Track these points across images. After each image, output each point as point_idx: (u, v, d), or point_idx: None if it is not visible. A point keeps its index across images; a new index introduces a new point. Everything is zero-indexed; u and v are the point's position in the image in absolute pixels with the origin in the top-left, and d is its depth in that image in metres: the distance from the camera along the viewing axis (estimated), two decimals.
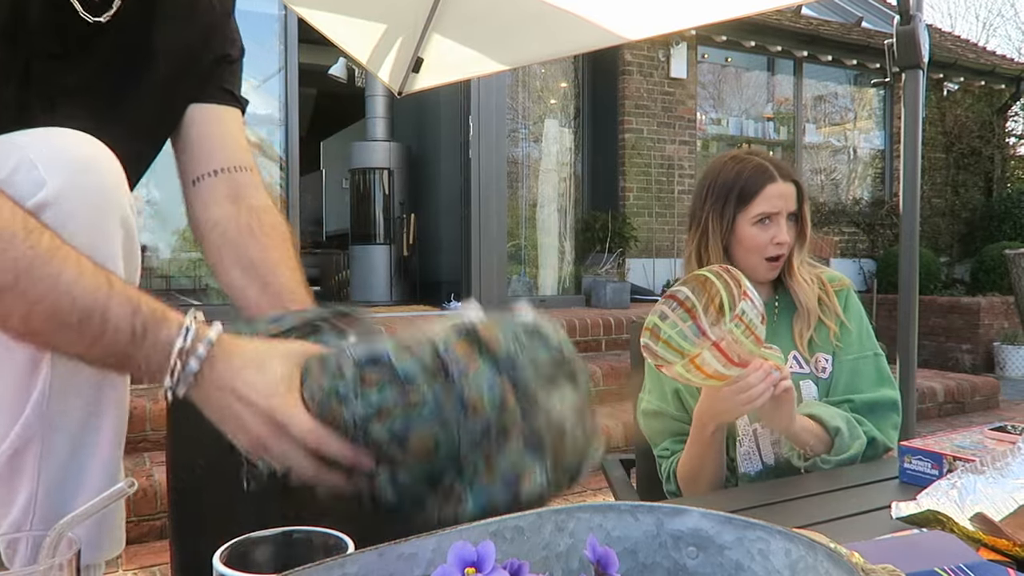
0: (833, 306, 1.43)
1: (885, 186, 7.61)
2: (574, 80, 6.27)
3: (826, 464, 1.27)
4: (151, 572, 2.30)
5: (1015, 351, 6.01)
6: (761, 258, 1.40)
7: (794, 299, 1.43)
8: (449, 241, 5.60)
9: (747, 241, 1.40)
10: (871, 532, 0.83)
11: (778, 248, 1.39)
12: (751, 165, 1.41)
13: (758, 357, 1.13)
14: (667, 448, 1.41)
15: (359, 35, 2.40)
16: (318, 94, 7.95)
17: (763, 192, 1.38)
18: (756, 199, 1.39)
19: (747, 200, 1.39)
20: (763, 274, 1.42)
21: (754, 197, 1.39)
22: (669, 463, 1.39)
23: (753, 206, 1.39)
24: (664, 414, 1.41)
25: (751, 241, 1.39)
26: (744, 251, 1.41)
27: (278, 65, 4.58)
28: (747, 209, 1.39)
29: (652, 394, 1.43)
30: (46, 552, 0.56)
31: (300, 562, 0.47)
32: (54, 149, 0.83)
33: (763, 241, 1.39)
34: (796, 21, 7.01)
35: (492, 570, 0.44)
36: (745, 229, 1.40)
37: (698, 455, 1.30)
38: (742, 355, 1.08)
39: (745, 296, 1.07)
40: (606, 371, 4.12)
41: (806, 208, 1.43)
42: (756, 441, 1.36)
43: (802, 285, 1.42)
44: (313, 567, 0.46)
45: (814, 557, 0.46)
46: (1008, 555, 0.75)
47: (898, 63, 1.79)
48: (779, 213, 1.39)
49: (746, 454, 1.36)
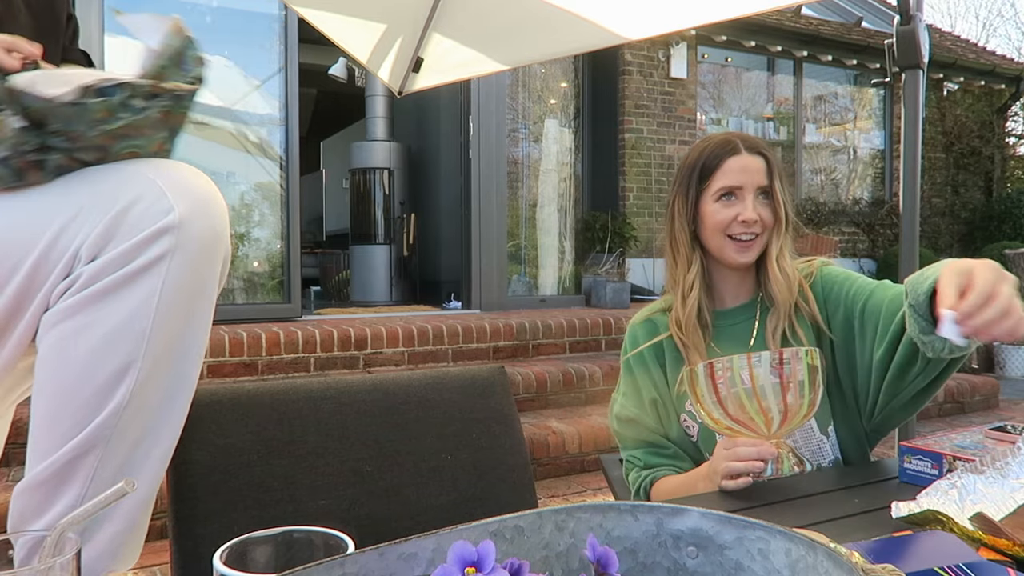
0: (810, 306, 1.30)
1: (885, 186, 7.61)
2: (574, 80, 6.27)
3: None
4: (151, 572, 2.30)
5: (1015, 351, 6.01)
6: (725, 237, 1.29)
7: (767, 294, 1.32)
8: (449, 241, 5.60)
9: (709, 219, 1.29)
10: (871, 532, 0.83)
11: (744, 227, 1.27)
12: (716, 141, 1.32)
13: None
14: (638, 458, 1.34)
15: (359, 35, 2.39)
16: (318, 94, 7.95)
17: (724, 165, 1.28)
18: (716, 173, 1.28)
19: (708, 175, 1.29)
20: (731, 256, 1.29)
21: (715, 171, 1.29)
22: (641, 477, 1.33)
23: (714, 180, 1.29)
24: (639, 423, 1.34)
25: (712, 218, 1.29)
26: (709, 232, 1.30)
27: (278, 65, 4.58)
28: (709, 184, 1.29)
29: (628, 399, 1.37)
30: (47, 552, 0.56)
31: (300, 562, 0.47)
32: (180, 181, 0.91)
33: (725, 218, 1.28)
34: (796, 21, 7.01)
35: (492, 570, 0.44)
36: (708, 206, 1.29)
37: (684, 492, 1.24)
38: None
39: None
40: (606, 371, 4.12)
41: (777, 184, 1.29)
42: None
43: (777, 278, 1.29)
44: (313, 567, 0.46)
45: (814, 557, 0.46)
46: (1008, 555, 0.75)
47: (898, 63, 1.79)
48: (742, 188, 1.28)
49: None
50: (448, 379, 1.22)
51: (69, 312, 0.86)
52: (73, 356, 0.86)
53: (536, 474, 3.07)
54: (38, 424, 0.89)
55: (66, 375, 0.87)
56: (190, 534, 0.97)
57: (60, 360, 0.87)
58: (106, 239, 0.86)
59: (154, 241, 0.86)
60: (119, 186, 0.88)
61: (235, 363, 3.60)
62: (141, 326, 0.87)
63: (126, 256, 0.86)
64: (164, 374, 0.90)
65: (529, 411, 3.81)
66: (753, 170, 1.28)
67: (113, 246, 0.86)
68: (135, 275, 0.86)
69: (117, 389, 0.87)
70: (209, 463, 1.00)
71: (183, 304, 0.90)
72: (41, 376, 0.88)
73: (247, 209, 4.75)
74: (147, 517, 0.98)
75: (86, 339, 0.86)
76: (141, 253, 0.86)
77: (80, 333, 0.86)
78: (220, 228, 0.94)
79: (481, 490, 1.16)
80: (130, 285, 0.86)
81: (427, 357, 4.08)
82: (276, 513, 1.00)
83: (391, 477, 1.10)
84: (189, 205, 0.89)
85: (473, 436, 1.18)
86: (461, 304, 5.33)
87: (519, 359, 4.36)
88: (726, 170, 1.28)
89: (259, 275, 4.72)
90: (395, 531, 0.58)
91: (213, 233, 0.92)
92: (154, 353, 0.88)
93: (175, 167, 0.93)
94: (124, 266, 0.86)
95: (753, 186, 1.28)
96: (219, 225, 0.93)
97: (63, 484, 0.87)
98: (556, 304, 5.66)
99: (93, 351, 0.86)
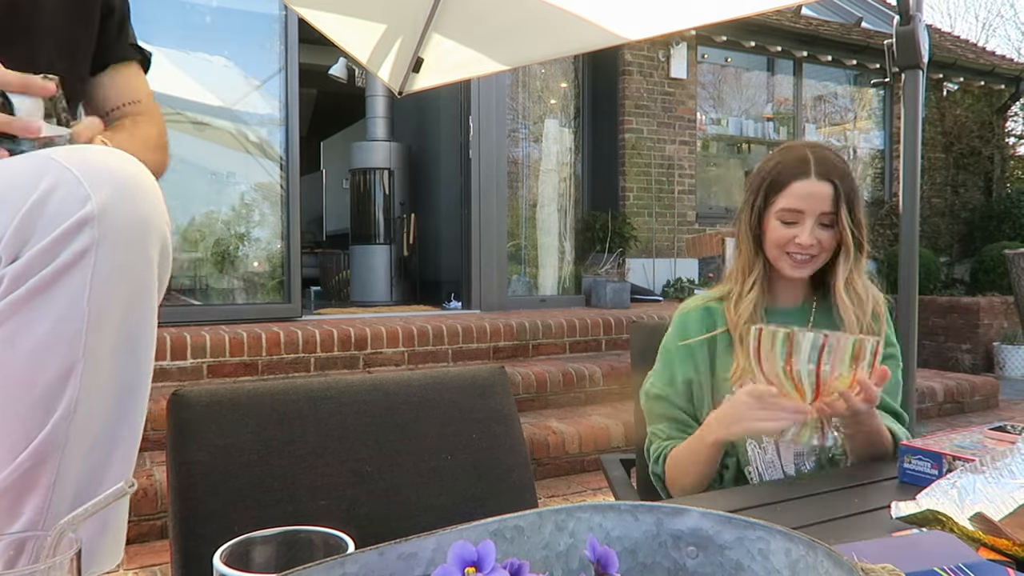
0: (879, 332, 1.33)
1: (885, 186, 7.61)
2: (574, 80, 6.27)
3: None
4: (151, 572, 2.30)
5: (1015, 351, 6.01)
6: (782, 253, 1.34)
7: (835, 316, 1.35)
8: (449, 241, 5.60)
9: (770, 232, 1.34)
10: (871, 532, 0.83)
11: (799, 249, 1.32)
12: (792, 156, 1.34)
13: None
14: (663, 429, 1.38)
15: (359, 35, 2.39)
16: (318, 94, 7.95)
17: (790, 187, 1.31)
18: (782, 193, 1.32)
19: (775, 192, 1.33)
20: (786, 270, 1.35)
21: (781, 190, 1.32)
22: (661, 447, 1.37)
23: (779, 199, 1.32)
24: (667, 400, 1.38)
25: (773, 233, 1.34)
26: (768, 244, 1.36)
27: (278, 65, 4.58)
28: (775, 201, 1.33)
29: (660, 378, 1.41)
30: (46, 552, 0.56)
31: (300, 562, 0.47)
32: (97, 166, 0.84)
33: (783, 237, 1.32)
34: (796, 21, 7.01)
35: (492, 570, 0.44)
36: (770, 221, 1.34)
37: (692, 454, 1.29)
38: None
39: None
40: (606, 371, 4.12)
41: (843, 212, 1.30)
42: (778, 451, 1.35)
43: (844, 303, 1.33)
44: (313, 567, 0.46)
45: (814, 557, 0.46)
46: (1008, 555, 0.75)
47: (898, 63, 1.79)
48: (804, 213, 1.31)
49: (770, 462, 1.35)
50: (448, 379, 1.22)
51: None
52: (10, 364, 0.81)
53: (536, 474, 3.07)
54: None
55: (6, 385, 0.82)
56: (190, 534, 0.97)
57: None
58: (25, 236, 0.80)
59: (75, 234, 0.80)
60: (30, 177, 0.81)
61: (235, 363, 3.60)
62: (75, 326, 0.81)
63: (47, 253, 0.80)
64: (112, 372, 0.86)
65: (529, 411, 3.81)
66: (818, 196, 1.30)
67: (33, 243, 0.80)
68: (60, 273, 0.80)
69: (63, 393, 0.82)
70: (209, 463, 0.99)
71: (118, 297, 0.84)
72: None
73: (247, 209, 4.75)
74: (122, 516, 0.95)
75: (21, 346, 0.81)
76: (63, 248, 0.80)
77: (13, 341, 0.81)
78: (148, 212, 0.86)
79: (481, 490, 1.16)
80: (57, 284, 0.80)
81: (427, 357, 4.08)
82: (276, 513, 1.00)
83: (391, 477, 1.10)
84: (109, 191, 0.82)
85: (473, 436, 1.18)
86: (461, 304, 5.33)
87: (519, 359, 4.36)
88: (791, 192, 1.31)
89: (259, 275, 4.72)
90: (395, 531, 0.58)
91: (139, 218, 0.85)
92: (95, 351, 0.83)
93: (90, 151, 0.87)
94: (47, 264, 0.80)
95: (815, 212, 1.31)
96: (146, 209, 0.86)
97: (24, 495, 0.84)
98: (556, 304, 5.66)
99: (30, 356, 0.81)
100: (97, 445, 0.88)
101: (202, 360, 3.53)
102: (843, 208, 1.31)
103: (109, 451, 0.89)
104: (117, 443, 0.90)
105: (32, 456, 0.83)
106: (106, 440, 0.88)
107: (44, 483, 0.84)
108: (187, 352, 3.50)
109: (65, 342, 0.82)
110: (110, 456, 0.89)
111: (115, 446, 0.89)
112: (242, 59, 4.64)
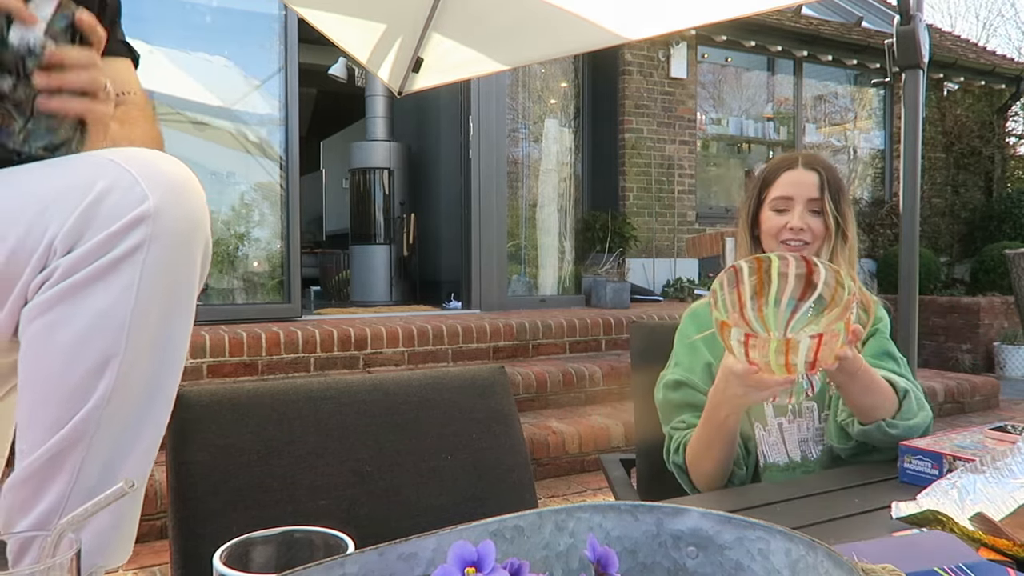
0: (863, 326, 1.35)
1: (885, 186, 7.61)
2: (574, 80, 6.27)
3: (892, 429, 1.22)
4: (151, 572, 2.30)
5: (1015, 351, 6.01)
6: (777, 242, 1.43)
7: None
8: (449, 241, 5.60)
9: (765, 224, 1.46)
10: (871, 532, 0.83)
11: (792, 234, 1.41)
12: (782, 156, 1.51)
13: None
14: (684, 421, 1.39)
15: (359, 35, 2.39)
16: (318, 94, 7.95)
17: (780, 177, 1.45)
18: (773, 184, 1.45)
19: (767, 186, 1.46)
20: None
21: (772, 183, 1.45)
22: (683, 434, 1.37)
23: (771, 191, 1.45)
24: (689, 384, 1.39)
25: (767, 224, 1.45)
26: (764, 236, 1.46)
27: (278, 65, 4.58)
28: (767, 194, 1.46)
29: (681, 364, 1.43)
30: (46, 552, 0.56)
31: (300, 562, 0.47)
32: (153, 168, 0.88)
33: (776, 224, 1.43)
34: (796, 21, 7.01)
35: (492, 570, 0.44)
36: (765, 213, 1.46)
37: (707, 438, 1.29)
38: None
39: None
40: (606, 371, 4.12)
41: (827, 198, 1.41)
42: (782, 435, 1.37)
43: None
44: (313, 567, 0.46)
45: (814, 557, 0.46)
46: (1008, 555, 0.75)
47: (898, 63, 1.79)
48: (793, 199, 1.42)
49: (774, 444, 1.37)
50: (448, 379, 1.22)
51: (47, 306, 0.85)
52: (52, 351, 0.85)
53: (536, 474, 3.07)
54: (22, 420, 0.88)
55: (47, 370, 0.86)
56: (190, 534, 0.97)
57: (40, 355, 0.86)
58: (81, 230, 0.84)
59: (130, 231, 0.84)
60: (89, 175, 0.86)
61: (235, 363, 3.60)
62: (120, 318, 0.85)
63: (102, 247, 0.84)
64: (146, 367, 0.89)
65: (529, 411, 3.81)
66: (805, 184, 1.43)
67: (88, 237, 0.84)
68: (112, 266, 0.84)
69: (99, 382, 0.85)
70: (209, 463, 1.00)
71: (163, 295, 0.88)
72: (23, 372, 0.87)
73: (247, 209, 4.75)
74: (136, 512, 0.97)
75: (65, 333, 0.84)
76: (117, 244, 0.84)
77: (58, 327, 0.84)
78: (197, 215, 0.91)
79: (481, 490, 1.16)
80: (107, 277, 0.84)
81: (427, 357, 4.08)
82: (276, 513, 1.00)
83: (391, 477, 1.10)
84: (163, 193, 0.86)
85: (473, 436, 1.18)
86: (461, 304, 5.33)
87: (519, 359, 4.36)
88: (781, 182, 1.45)
89: (259, 275, 4.72)
90: (395, 531, 0.59)
91: (190, 221, 0.89)
92: (135, 345, 0.86)
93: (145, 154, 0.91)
94: (100, 257, 0.84)
95: (803, 198, 1.42)
96: (196, 212, 0.91)
97: (48, 480, 0.86)
98: (556, 304, 5.66)
99: (72, 345, 0.85)
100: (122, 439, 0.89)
101: (202, 360, 3.53)
102: (827, 194, 1.42)
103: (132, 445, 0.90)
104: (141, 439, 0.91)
105: (61, 442, 0.85)
106: (131, 435, 0.90)
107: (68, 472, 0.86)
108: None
109: (109, 333, 0.85)
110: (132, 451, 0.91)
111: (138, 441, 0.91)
112: (242, 59, 4.63)
